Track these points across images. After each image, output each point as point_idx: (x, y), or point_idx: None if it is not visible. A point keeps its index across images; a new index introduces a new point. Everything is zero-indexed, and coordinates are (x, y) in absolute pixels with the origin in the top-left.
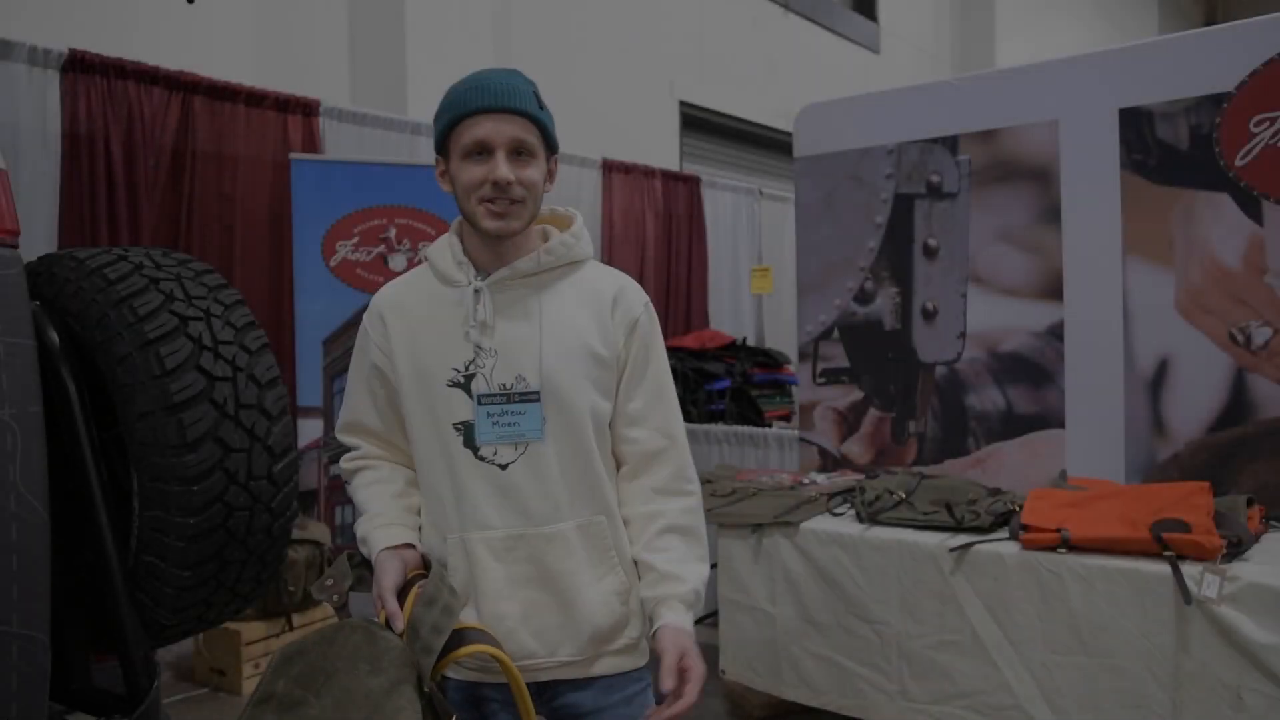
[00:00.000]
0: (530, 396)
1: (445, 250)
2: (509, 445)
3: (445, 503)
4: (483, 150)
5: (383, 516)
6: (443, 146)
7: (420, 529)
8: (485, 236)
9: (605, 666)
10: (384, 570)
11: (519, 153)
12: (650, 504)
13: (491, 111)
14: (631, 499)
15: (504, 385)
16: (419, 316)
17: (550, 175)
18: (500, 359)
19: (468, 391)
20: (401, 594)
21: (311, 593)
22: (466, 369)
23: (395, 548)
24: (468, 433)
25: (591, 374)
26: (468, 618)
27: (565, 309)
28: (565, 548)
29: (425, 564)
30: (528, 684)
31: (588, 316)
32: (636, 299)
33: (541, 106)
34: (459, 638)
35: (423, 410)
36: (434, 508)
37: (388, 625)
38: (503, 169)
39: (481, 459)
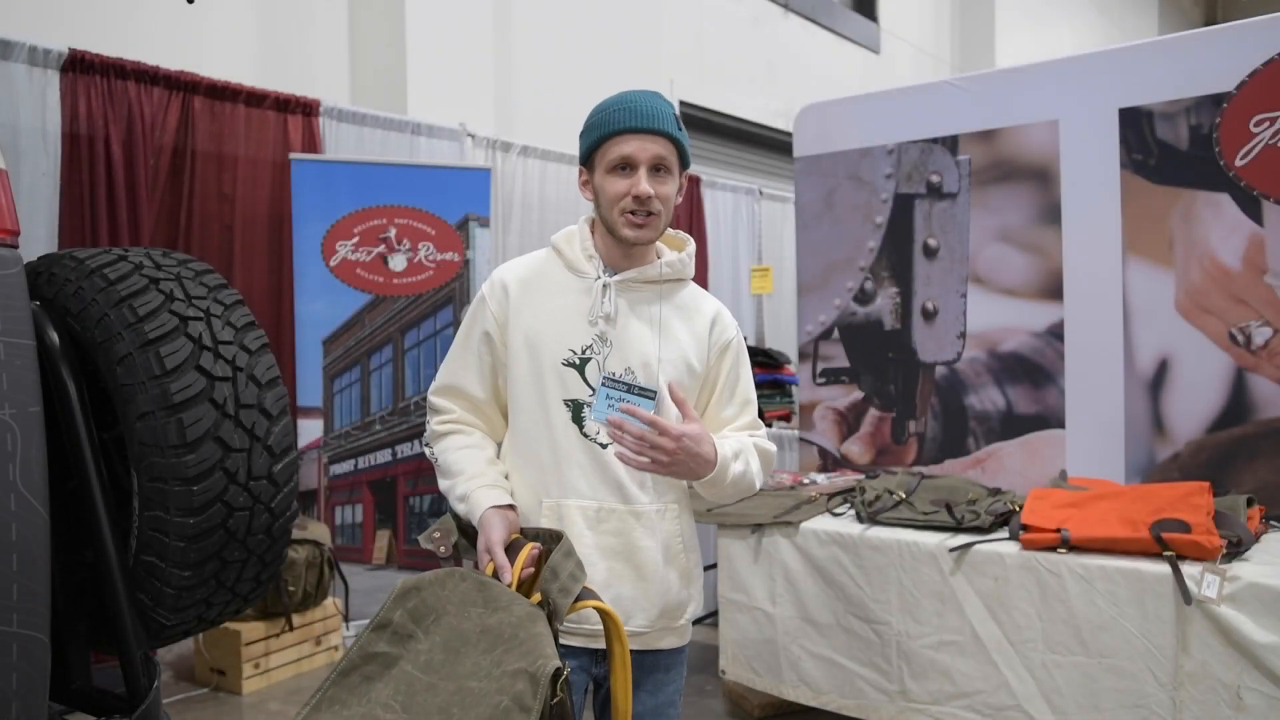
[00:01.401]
0: (649, 394)
1: (574, 241)
2: None
3: (546, 470)
4: (627, 166)
5: (484, 478)
6: (588, 159)
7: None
8: (622, 244)
9: (664, 641)
10: (492, 526)
11: (658, 169)
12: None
13: (638, 131)
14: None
15: (614, 374)
16: (542, 295)
17: (681, 189)
18: (615, 350)
19: (581, 373)
20: (508, 552)
21: (419, 541)
22: (583, 353)
23: (500, 507)
24: (575, 410)
25: (684, 382)
26: None
27: (674, 320)
28: (648, 526)
29: (523, 529)
30: (595, 649)
31: (688, 332)
32: (731, 323)
33: (680, 129)
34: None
35: (530, 382)
36: (532, 472)
37: (495, 577)
38: (644, 184)
39: (585, 435)
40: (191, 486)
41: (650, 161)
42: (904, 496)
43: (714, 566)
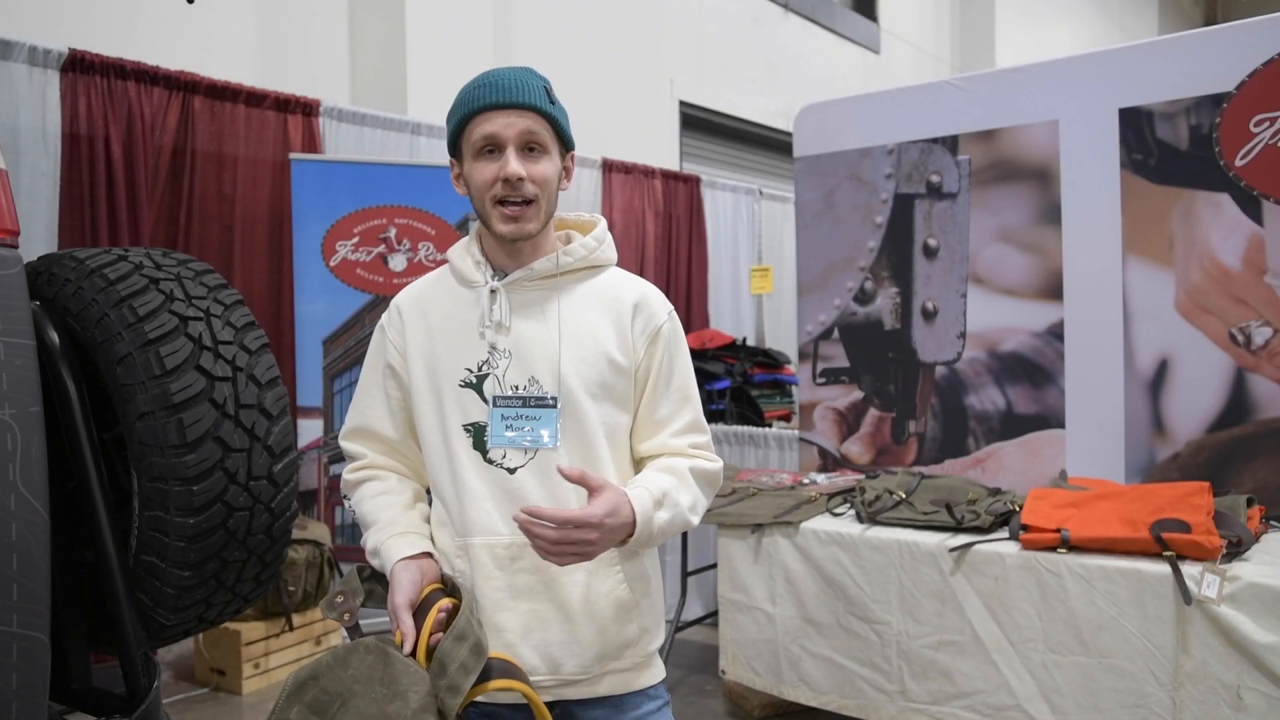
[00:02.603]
0: (546, 403)
1: (465, 252)
2: (518, 449)
3: (450, 506)
4: (493, 147)
5: (396, 526)
6: (455, 148)
7: (432, 536)
8: (500, 240)
9: (613, 684)
10: (399, 585)
11: (530, 148)
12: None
13: (501, 107)
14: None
15: (516, 387)
16: (437, 316)
17: (567, 173)
18: (515, 360)
19: (479, 392)
20: (418, 612)
21: (320, 610)
22: (479, 369)
23: (412, 558)
24: (477, 434)
25: (607, 381)
26: None
27: (584, 314)
28: None
29: (443, 578)
30: (516, 703)
31: (607, 324)
32: (660, 308)
33: (553, 101)
34: (484, 670)
35: (432, 410)
36: (442, 511)
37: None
38: (513, 164)
39: (490, 462)
40: (191, 486)
41: (519, 139)
42: (904, 496)
43: (714, 566)
